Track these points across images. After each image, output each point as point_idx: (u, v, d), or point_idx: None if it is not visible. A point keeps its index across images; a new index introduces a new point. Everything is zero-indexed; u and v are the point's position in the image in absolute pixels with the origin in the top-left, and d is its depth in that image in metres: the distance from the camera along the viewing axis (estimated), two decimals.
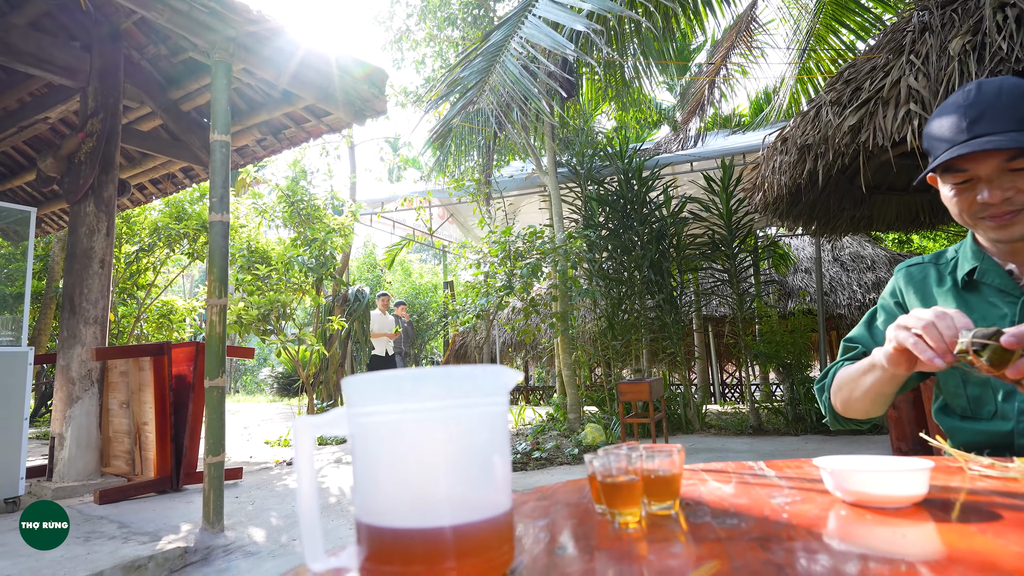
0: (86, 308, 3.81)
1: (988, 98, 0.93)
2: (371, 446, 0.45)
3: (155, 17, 3.00)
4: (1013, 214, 0.93)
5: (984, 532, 0.50)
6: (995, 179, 0.93)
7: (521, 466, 4.59)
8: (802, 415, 6.16)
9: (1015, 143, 0.88)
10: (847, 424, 1.15)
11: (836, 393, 1.12)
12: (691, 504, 0.68)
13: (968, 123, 0.93)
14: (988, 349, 0.73)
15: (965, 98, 0.96)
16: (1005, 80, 0.94)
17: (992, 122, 0.91)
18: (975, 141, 0.92)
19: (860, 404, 1.05)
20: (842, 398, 1.10)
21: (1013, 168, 0.91)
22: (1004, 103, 0.91)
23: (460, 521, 0.43)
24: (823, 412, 1.17)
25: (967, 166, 0.95)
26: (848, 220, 5.70)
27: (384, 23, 9.56)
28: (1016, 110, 0.90)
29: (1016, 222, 0.94)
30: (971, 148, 0.91)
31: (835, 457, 0.70)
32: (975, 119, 0.93)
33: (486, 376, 0.46)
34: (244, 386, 23.28)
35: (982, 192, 0.94)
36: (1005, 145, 0.88)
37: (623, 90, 7.19)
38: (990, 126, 0.91)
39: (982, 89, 0.95)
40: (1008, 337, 0.73)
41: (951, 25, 3.31)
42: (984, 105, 0.93)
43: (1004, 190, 0.93)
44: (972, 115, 0.93)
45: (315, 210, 7.35)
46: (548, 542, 0.55)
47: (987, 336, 0.74)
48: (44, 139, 5.36)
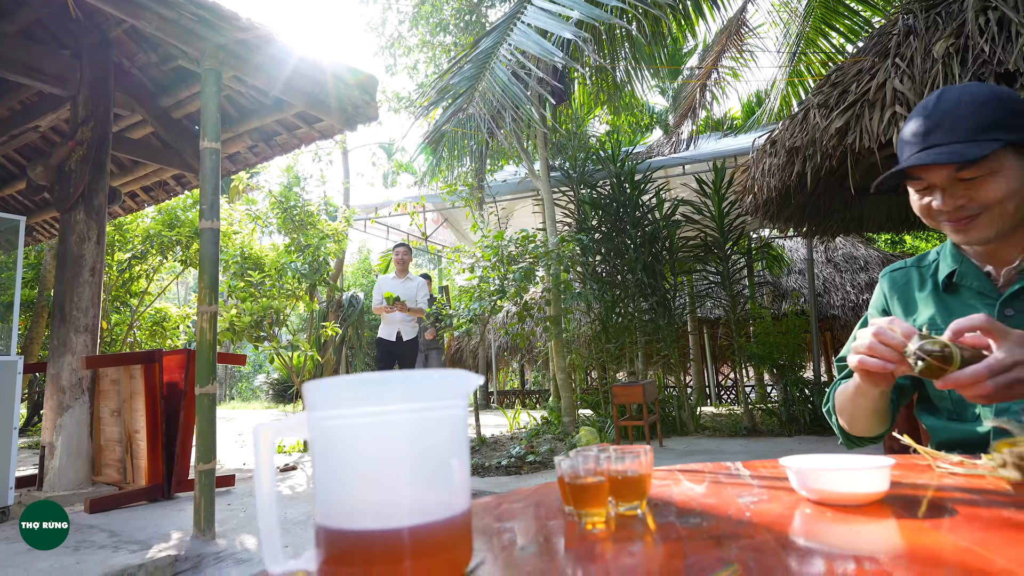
0: (76, 316, 3.80)
1: (946, 107, 0.95)
2: (330, 450, 0.45)
3: (144, 25, 3.00)
4: (969, 219, 0.95)
5: (937, 528, 0.51)
6: (947, 188, 0.96)
7: (515, 470, 4.59)
8: (796, 416, 6.17)
9: (956, 157, 0.90)
10: (862, 443, 1.16)
11: (840, 415, 1.14)
12: (659, 504, 0.68)
13: (924, 132, 0.96)
14: (924, 364, 0.75)
15: (926, 107, 0.98)
16: (967, 88, 0.96)
17: (945, 132, 0.93)
18: (923, 153, 0.95)
19: (862, 424, 1.08)
20: (845, 420, 1.12)
21: (963, 177, 0.93)
22: (960, 113, 0.93)
23: (417, 522, 0.43)
24: (838, 435, 1.18)
25: (921, 174, 0.98)
26: (839, 221, 5.74)
27: (376, 29, 9.60)
28: (970, 120, 0.92)
29: (973, 227, 0.96)
30: (916, 161, 0.94)
31: (801, 456, 0.71)
32: (931, 129, 0.95)
33: (445, 380, 0.47)
34: (240, 393, 23.19)
35: (937, 199, 0.97)
36: (945, 160, 0.91)
37: (615, 94, 7.23)
38: (943, 136, 0.93)
39: (943, 98, 0.97)
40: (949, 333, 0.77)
41: (935, 28, 3.35)
42: (940, 115, 0.95)
43: (956, 198, 0.95)
44: (929, 125, 0.96)
45: (309, 216, 7.35)
46: (513, 542, 0.56)
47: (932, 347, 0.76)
48: (35, 147, 5.35)
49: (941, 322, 1.04)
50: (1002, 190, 0.91)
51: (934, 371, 0.76)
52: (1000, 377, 0.74)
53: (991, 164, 0.91)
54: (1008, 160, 0.91)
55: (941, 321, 1.04)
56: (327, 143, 11.21)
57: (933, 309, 1.06)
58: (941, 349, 0.75)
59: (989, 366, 0.74)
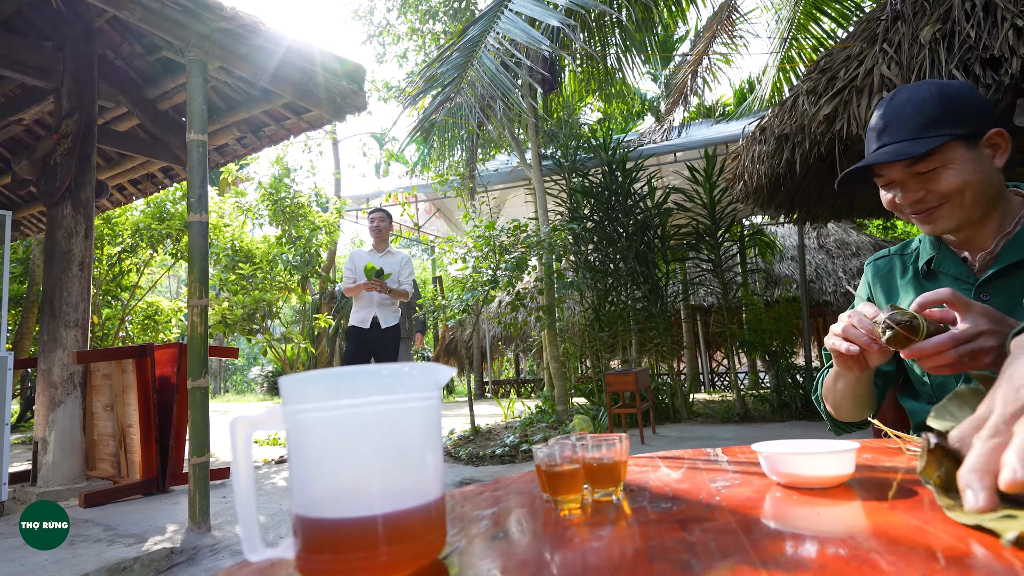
0: (66, 311, 3.78)
1: (896, 108, 0.99)
2: (305, 441, 0.47)
3: (127, 16, 2.97)
4: (931, 211, 0.99)
5: (894, 508, 0.53)
6: (905, 182, 1.00)
7: (510, 459, 4.63)
8: (787, 402, 6.24)
9: (901, 155, 0.94)
10: (849, 429, 1.19)
11: (826, 401, 1.17)
12: (635, 490, 0.70)
13: (878, 132, 1.01)
14: (892, 332, 0.77)
15: (881, 106, 1.03)
16: (917, 88, 1.00)
17: (896, 130, 0.98)
18: (877, 152, 0.99)
19: (845, 408, 1.11)
20: (831, 405, 1.15)
21: (918, 172, 0.97)
22: (908, 112, 0.97)
23: (390, 509, 0.45)
24: (826, 421, 1.21)
25: (881, 171, 1.02)
26: (830, 208, 5.77)
27: (365, 17, 9.50)
28: (917, 118, 0.96)
29: (937, 217, 0.99)
30: (868, 161, 0.99)
31: (773, 442, 0.73)
32: (883, 128, 1.00)
33: (416, 373, 0.49)
34: (234, 385, 23.18)
35: (897, 194, 1.01)
36: (892, 158, 0.95)
37: (606, 82, 7.21)
38: (894, 134, 0.98)
39: (895, 98, 1.01)
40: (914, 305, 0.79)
41: (922, 14, 3.36)
42: (891, 115, 1.00)
43: (915, 191, 0.99)
44: (881, 125, 1.01)
45: (299, 207, 7.32)
46: (489, 528, 0.58)
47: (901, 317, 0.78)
48: (19, 141, 5.29)
49: None
50: (956, 181, 0.95)
51: (901, 340, 0.77)
52: (963, 347, 0.76)
53: (943, 157, 0.95)
54: (959, 152, 0.95)
55: None
56: (317, 133, 11.14)
57: (913, 295, 1.09)
58: (909, 320, 0.77)
59: (953, 336, 0.76)
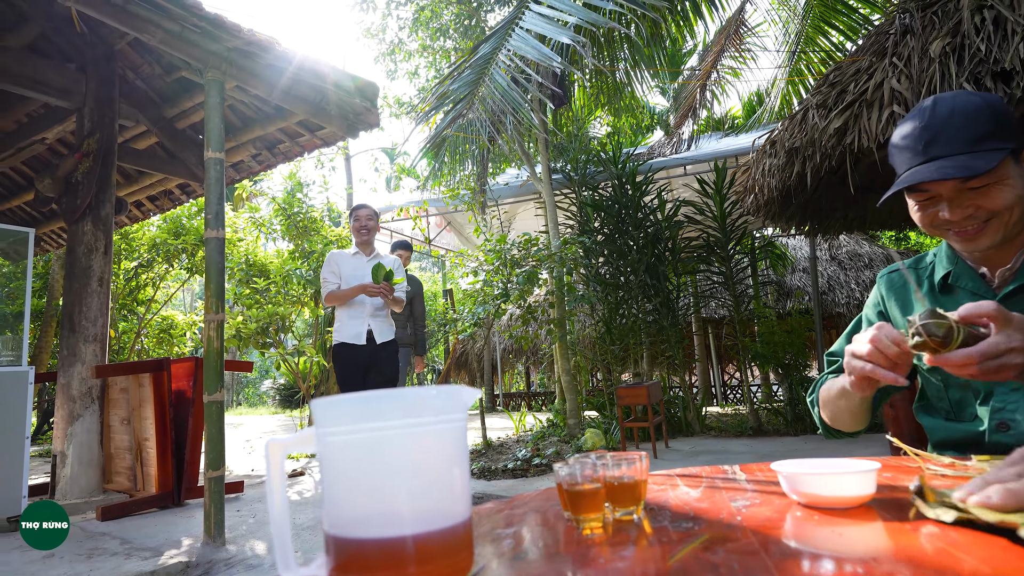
0: (85, 326, 3.85)
1: (941, 119, 0.96)
2: (336, 463, 0.48)
3: (148, 38, 3.05)
4: (977, 228, 0.97)
5: (916, 530, 0.53)
6: (954, 198, 0.97)
7: (521, 473, 4.61)
8: (801, 415, 6.17)
9: (967, 171, 0.91)
10: (840, 435, 1.20)
11: (822, 409, 1.17)
12: (655, 508, 0.71)
13: (924, 145, 0.97)
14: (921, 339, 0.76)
15: (921, 117, 0.99)
16: (958, 97, 0.97)
17: (945, 144, 0.94)
18: (930, 165, 0.95)
19: (844, 422, 1.12)
20: (827, 415, 1.15)
21: (971, 187, 0.95)
22: (956, 124, 0.94)
23: (420, 531, 0.46)
24: (818, 426, 1.21)
25: (927, 187, 0.99)
26: (841, 220, 5.74)
27: (377, 35, 9.65)
28: (967, 131, 0.93)
29: (982, 235, 0.97)
30: (924, 175, 0.94)
31: (792, 461, 0.73)
32: (930, 141, 0.96)
33: (443, 396, 0.50)
34: (246, 398, 23.29)
35: (943, 210, 0.98)
36: (954, 174, 0.91)
37: (615, 96, 7.26)
38: (944, 148, 0.94)
39: (936, 109, 0.98)
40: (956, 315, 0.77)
41: (932, 27, 3.36)
42: (937, 127, 0.96)
43: (964, 208, 0.96)
44: (927, 137, 0.97)
45: (312, 222, 7.40)
46: (512, 548, 0.59)
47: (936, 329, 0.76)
48: (42, 159, 5.42)
49: None
50: (1009, 197, 0.93)
51: (928, 348, 0.76)
52: (989, 363, 0.75)
53: (997, 173, 0.93)
54: (1010, 168, 0.93)
55: None
56: (330, 149, 11.28)
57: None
58: (944, 333, 0.75)
59: (982, 351, 0.75)
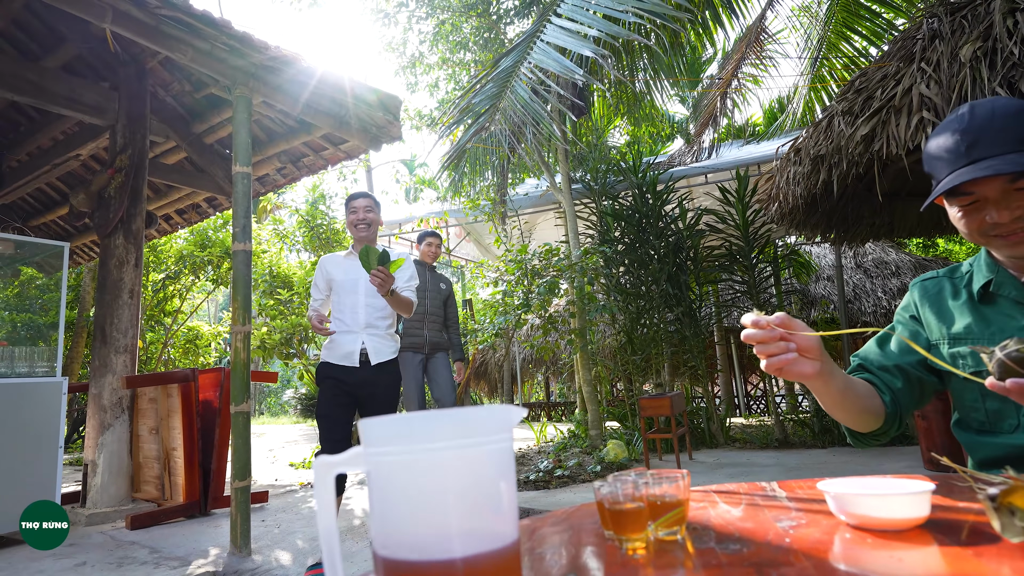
0: (116, 338, 3.93)
1: (982, 121, 0.95)
2: (385, 483, 0.48)
3: (179, 57, 3.13)
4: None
5: (980, 556, 0.51)
6: (1002, 200, 0.95)
7: (544, 484, 4.57)
8: (829, 427, 6.04)
9: (1017, 165, 0.89)
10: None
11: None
12: (698, 528, 0.70)
13: (966, 147, 0.95)
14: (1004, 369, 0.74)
15: (960, 122, 0.98)
16: (996, 101, 0.96)
17: (990, 145, 0.93)
18: (976, 165, 0.93)
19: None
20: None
21: (1019, 187, 0.93)
22: (998, 126, 0.93)
23: (470, 552, 0.46)
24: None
25: (972, 189, 0.97)
26: (868, 227, 5.64)
27: (397, 49, 9.79)
28: (1011, 131, 0.92)
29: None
30: (973, 174, 0.92)
31: (840, 480, 0.71)
32: (972, 143, 0.95)
33: (491, 416, 0.50)
34: (268, 408, 23.56)
35: (990, 213, 0.96)
36: (1007, 169, 0.90)
37: (635, 105, 7.25)
38: (988, 149, 0.93)
39: (975, 112, 0.97)
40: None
41: (961, 31, 3.30)
42: (979, 129, 0.95)
43: (1012, 209, 0.94)
44: (969, 139, 0.95)
45: (334, 233, 7.50)
46: (558, 569, 0.58)
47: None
48: (76, 175, 5.58)
49: (977, 331, 1.04)
50: None
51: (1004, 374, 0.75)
52: None
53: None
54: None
55: (977, 330, 1.04)
56: (352, 161, 11.43)
57: (969, 318, 1.06)
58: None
59: None
